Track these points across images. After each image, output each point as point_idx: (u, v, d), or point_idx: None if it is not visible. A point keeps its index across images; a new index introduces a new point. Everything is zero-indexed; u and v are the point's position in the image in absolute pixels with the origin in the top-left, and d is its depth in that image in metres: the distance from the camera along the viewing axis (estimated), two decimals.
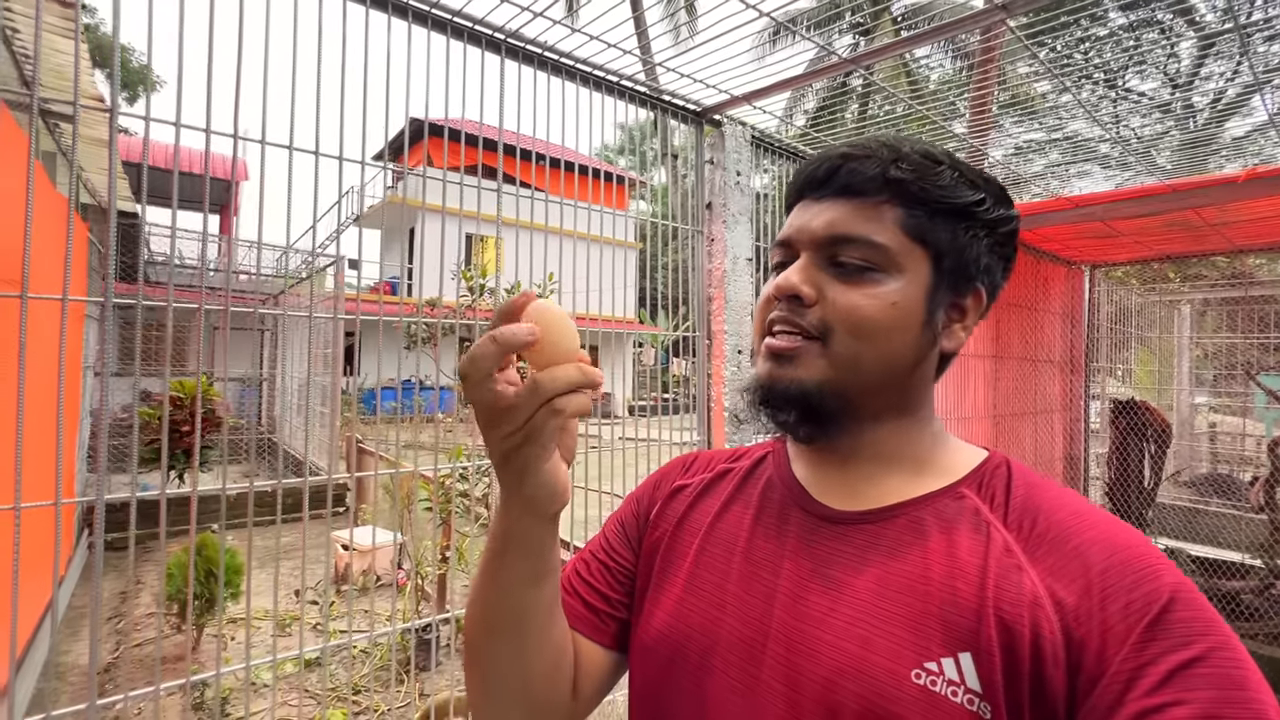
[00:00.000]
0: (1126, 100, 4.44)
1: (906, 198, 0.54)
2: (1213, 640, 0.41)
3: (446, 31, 1.59)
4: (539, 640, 0.57)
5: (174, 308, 1.28)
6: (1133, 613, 0.43)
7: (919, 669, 0.47)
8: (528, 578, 0.54)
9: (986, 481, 0.55)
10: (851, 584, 0.52)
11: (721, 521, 0.63)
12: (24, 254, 1.12)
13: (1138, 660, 0.41)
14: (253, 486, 1.43)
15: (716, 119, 2.16)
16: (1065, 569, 0.46)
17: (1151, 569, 0.45)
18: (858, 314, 0.53)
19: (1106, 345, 4.74)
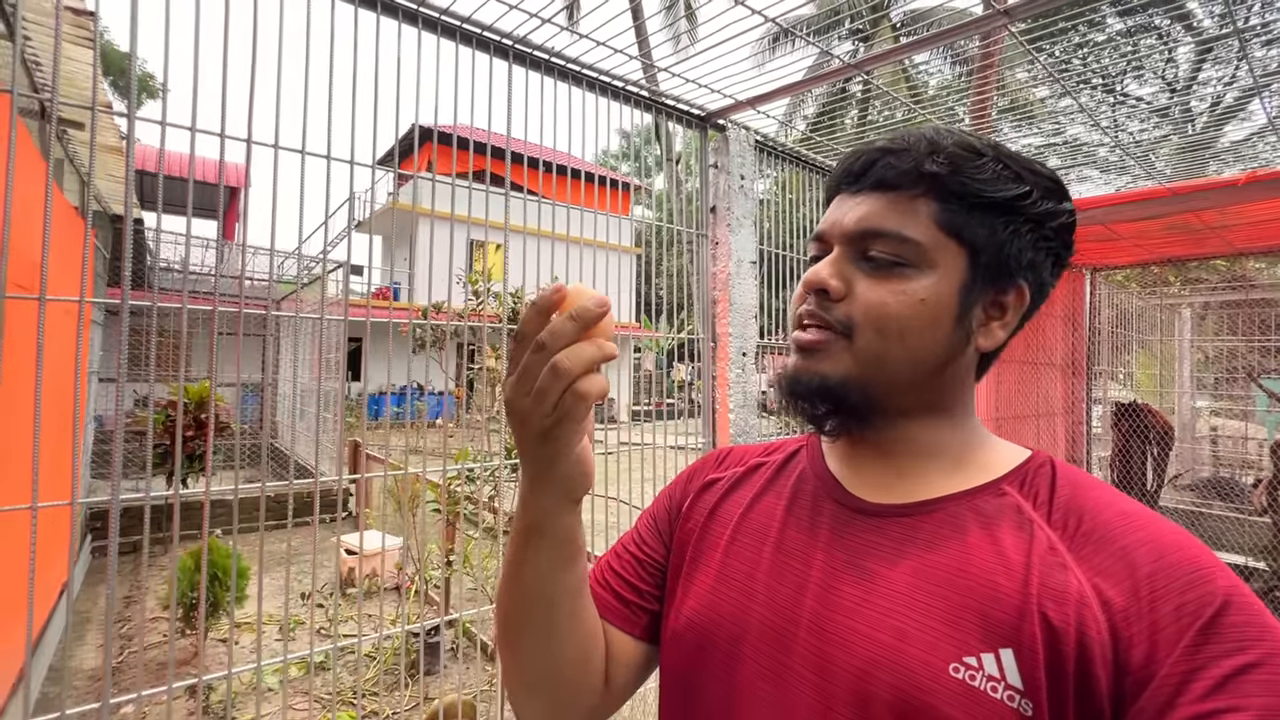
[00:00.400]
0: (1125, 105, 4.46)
1: (942, 191, 0.53)
2: (1269, 646, 0.40)
3: (456, 37, 1.61)
4: (569, 627, 0.58)
5: (185, 310, 1.29)
6: (1185, 615, 0.42)
7: (957, 663, 0.46)
8: (558, 562, 0.55)
9: (1030, 480, 0.54)
10: (886, 575, 0.52)
11: (753, 512, 0.63)
12: (43, 258, 1.14)
13: (1190, 664, 0.40)
14: (238, 491, 1.44)
15: (720, 123, 2.18)
16: (1112, 569, 0.46)
17: (1205, 571, 0.44)
18: (883, 310, 0.53)
19: (1108, 348, 4.76)
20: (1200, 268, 5.47)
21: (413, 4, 1.51)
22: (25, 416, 1.16)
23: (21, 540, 1.13)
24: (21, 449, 1.16)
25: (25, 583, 1.11)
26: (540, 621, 0.57)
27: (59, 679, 3.27)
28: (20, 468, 1.17)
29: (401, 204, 12.93)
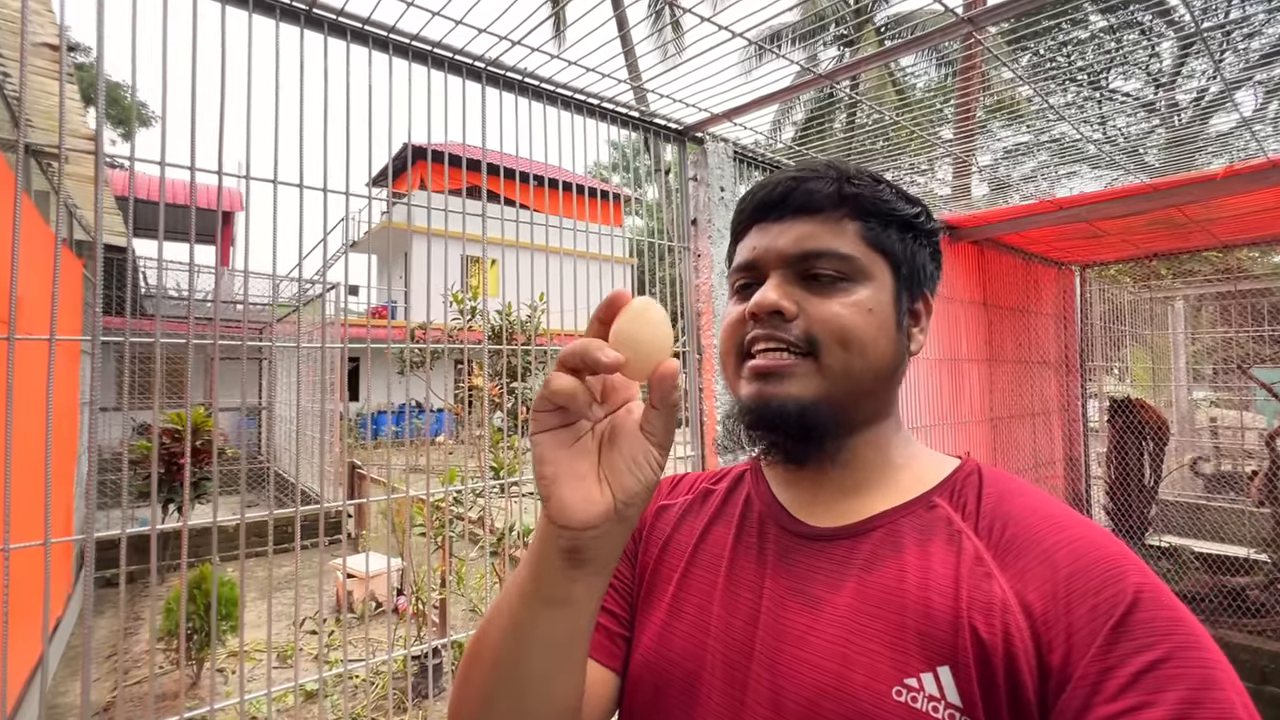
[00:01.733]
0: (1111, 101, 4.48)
1: (862, 211, 0.57)
2: (1178, 639, 0.41)
3: (427, 62, 1.62)
4: (528, 677, 0.50)
5: (189, 342, 1.29)
6: (1099, 615, 0.43)
7: (899, 685, 0.46)
8: (525, 590, 0.48)
9: (959, 490, 0.55)
10: (830, 600, 0.52)
11: (705, 543, 0.63)
12: (10, 292, 1.13)
13: (1103, 663, 0.41)
14: (243, 517, 1.43)
15: (698, 136, 2.19)
16: (1033, 574, 0.46)
17: (1117, 570, 0.44)
18: (840, 322, 0.54)
19: (1101, 344, 4.75)
20: (1192, 260, 5.48)
21: (382, 31, 1.52)
22: (18, 451, 1.16)
23: (19, 575, 1.12)
24: (19, 484, 1.15)
25: (21, 618, 1.10)
26: (507, 657, 0.50)
27: (56, 716, 3.24)
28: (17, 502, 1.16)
29: (395, 223, 12.99)
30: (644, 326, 0.43)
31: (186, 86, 1.26)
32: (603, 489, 0.45)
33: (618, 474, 0.45)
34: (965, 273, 3.67)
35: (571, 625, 0.48)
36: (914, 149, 2.87)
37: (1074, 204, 3.06)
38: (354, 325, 7.61)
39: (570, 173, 1.98)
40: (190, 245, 1.38)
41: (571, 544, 0.45)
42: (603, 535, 0.45)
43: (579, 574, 0.46)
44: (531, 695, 0.50)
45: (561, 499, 0.44)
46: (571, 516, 0.44)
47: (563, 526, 0.44)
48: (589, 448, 0.46)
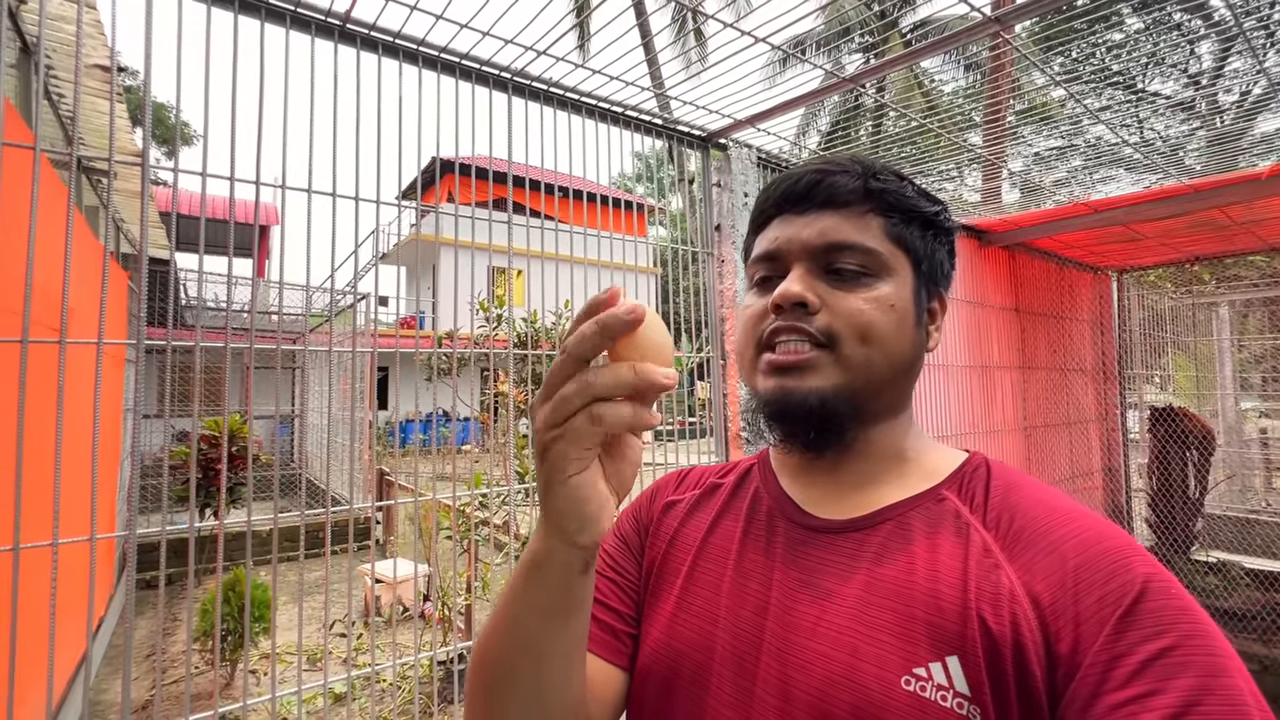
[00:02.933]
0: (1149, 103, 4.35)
1: (885, 207, 0.57)
2: (1185, 628, 0.41)
3: (455, 74, 1.66)
4: (558, 685, 0.50)
5: (225, 348, 1.34)
6: (1107, 604, 0.43)
7: (908, 675, 0.47)
8: (552, 611, 0.48)
9: (967, 483, 0.56)
10: (840, 592, 0.53)
11: (713, 537, 0.63)
12: (63, 298, 1.19)
13: (1112, 652, 0.41)
14: (277, 521, 1.47)
15: (722, 143, 2.20)
16: (1041, 565, 0.47)
17: (1125, 560, 0.45)
18: (863, 318, 0.54)
19: (1141, 352, 4.60)
20: (1237, 264, 5.28)
21: (411, 44, 1.56)
22: (65, 454, 1.21)
23: (63, 573, 1.17)
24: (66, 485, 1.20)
25: (66, 617, 1.15)
26: (526, 673, 0.49)
27: (98, 713, 3.34)
28: (54, 504, 1.21)
29: (424, 235, 13.24)
30: (648, 333, 0.41)
31: (226, 103, 1.31)
32: (611, 496, 0.45)
33: (622, 477, 0.45)
34: (996, 277, 3.59)
35: (584, 626, 0.50)
36: (942, 155, 2.83)
37: (1109, 206, 2.98)
38: (383, 335, 7.76)
39: (595, 184, 2.00)
40: (229, 258, 1.43)
41: (587, 557, 0.46)
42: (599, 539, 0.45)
43: (587, 578, 0.48)
44: (553, 702, 0.50)
45: (599, 524, 0.43)
46: (600, 533, 0.44)
47: (590, 548, 0.45)
48: (598, 460, 0.44)
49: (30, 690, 1.26)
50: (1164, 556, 3.52)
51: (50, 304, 1.30)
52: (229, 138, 1.31)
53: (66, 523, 1.23)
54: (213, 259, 14.05)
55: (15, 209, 1.17)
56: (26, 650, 1.21)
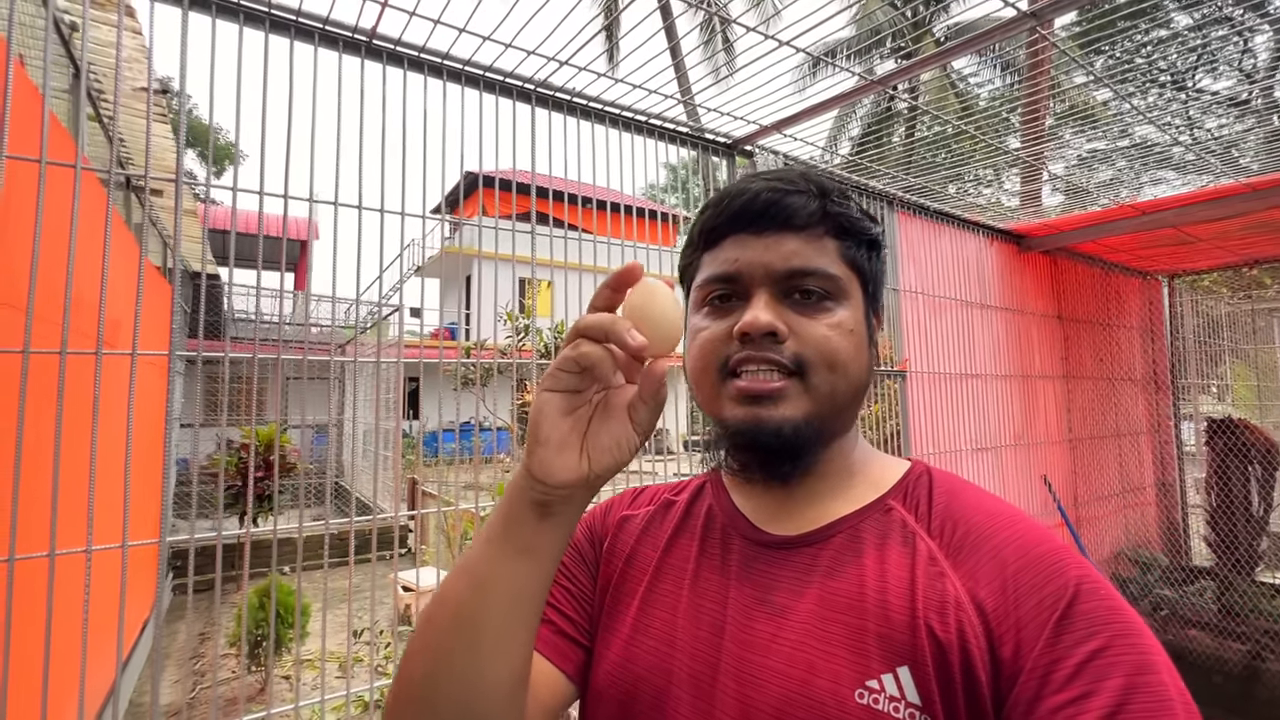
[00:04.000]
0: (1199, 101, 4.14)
1: (840, 230, 0.58)
2: (1115, 628, 0.43)
3: (479, 86, 1.68)
4: (507, 642, 0.49)
5: (255, 357, 1.36)
6: (1044, 608, 0.45)
7: (861, 688, 0.47)
8: (495, 539, 0.50)
9: (911, 491, 0.57)
10: (794, 608, 0.53)
11: (669, 556, 0.63)
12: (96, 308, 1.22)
13: (1051, 655, 0.43)
14: (301, 530, 1.48)
15: (748, 150, 2.17)
16: (983, 571, 0.49)
17: (1059, 564, 0.47)
18: (829, 345, 0.55)
19: (1196, 360, 4.38)
20: None
21: (454, 62, 1.58)
22: (109, 461, 1.24)
23: (111, 578, 1.20)
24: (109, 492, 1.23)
25: (109, 621, 1.17)
26: (468, 608, 0.49)
27: (137, 713, 3.43)
28: (104, 511, 1.24)
29: (455, 249, 13.50)
30: (655, 305, 0.47)
31: (261, 120, 1.34)
32: (582, 459, 0.49)
33: (599, 450, 0.49)
34: (1037, 283, 3.46)
35: (534, 578, 0.50)
36: (979, 159, 2.75)
37: (1158, 208, 2.84)
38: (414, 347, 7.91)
39: (623, 194, 2.00)
40: (259, 272, 1.46)
41: (544, 498, 0.49)
42: (571, 497, 0.49)
43: (544, 526, 0.49)
44: (487, 651, 0.49)
45: (547, 458, 0.48)
46: (551, 475, 0.48)
47: (540, 481, 0.48)
48: (583, 418, 0.50)
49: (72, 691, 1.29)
50: (1225, 578, 3.32)
51: (95, 316, 1.35)
52: (259, 152, 1.34)
53: (108, 529, 1.26)
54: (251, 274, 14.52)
55: (64, 225, 1.22)
56: (72, 649, 1.24)
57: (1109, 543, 3.73)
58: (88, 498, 1.20)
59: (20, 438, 1.12)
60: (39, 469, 1.24)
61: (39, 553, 1.15)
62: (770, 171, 0.61)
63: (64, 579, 1.19)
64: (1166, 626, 3.29)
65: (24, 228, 1.45)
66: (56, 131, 1.80)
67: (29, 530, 1.21)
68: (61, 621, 1.15)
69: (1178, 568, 3.74)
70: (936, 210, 2.87)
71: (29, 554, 1.14)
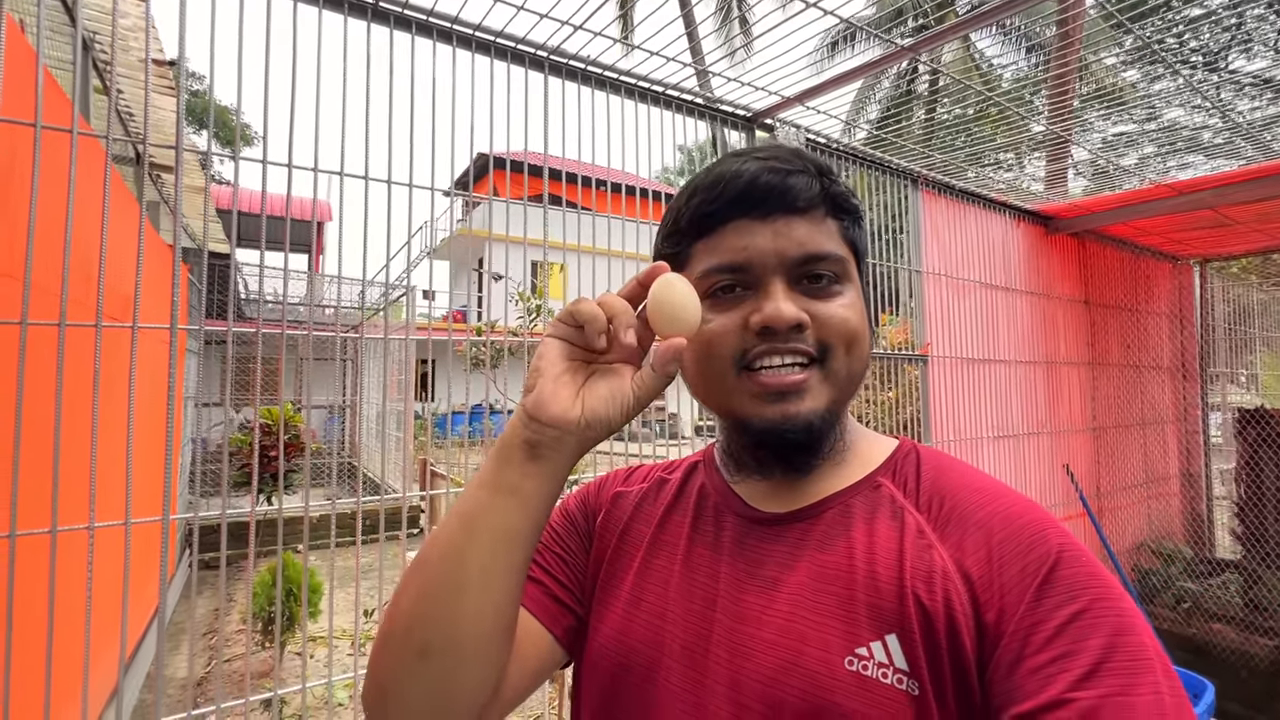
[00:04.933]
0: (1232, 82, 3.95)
1: (837, 209, 0.57)
2: (1094, 592, 0.45)
3: (490, 53, 1.61)
4: (493, 584, 0.50)
5: (258, 333, 1.33)
6: (1027, 574, 0.46)
7: (851, 655, 0.48)
8: (486, 481, 0.51)
9: (899, 468, 0.58)
10: (786, 581, 0.54)
11: (663, 533, 0.64)
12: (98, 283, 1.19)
13: (1032, 618, 0.44)
14: (307, 508, 1.46)
15: (768, 123, 2.09)
16: (969, 542, 0.50)
17: (1041, 533, 0.48)
18: (848, 327, 0.55)
19: (1225, 348, 4.25)
20: None
21: (464, 26, 1.52)
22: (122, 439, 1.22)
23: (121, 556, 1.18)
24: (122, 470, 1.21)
25: (132, 595, 1.15)
26: (465, 560, 0.50)
27: (153, 686, 3.48)
28: (126, 487, 1.22)
29: (472, 230, 13.46)
30: (673, 294, 0.50)
31: (274, 95, 1.29)
32: (575, 402, 0.51)
33: (594, 398, 0.51)
34: (1064, 266, 3.35)
35: (519, 518, 0.50)
36: (1002, 140, 2.64)
37: (1195, 188, 2.73)
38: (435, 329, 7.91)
39: (636, 176, 1.93)
40: (271, 249, 1.42)
41: (534, 436, 0.50)
42: (560, 439, 0.50)
43: (532, 468, 0.50)
44: (471, 590, 0.49)
45: (542, 392, 0.50)
46: (542, 409, 0.50)
47: (531, 416, 0.50)
48: (582, 371, 0.53)
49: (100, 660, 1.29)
50: (1252, 571, 3.23)
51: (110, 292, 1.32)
52: (263, 122, 1.29)
53: (120, 507, 1.24)
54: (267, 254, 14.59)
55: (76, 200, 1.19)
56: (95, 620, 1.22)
57: (1131, 534, 3.65)
58: (87, 476, 1.18)
59: (19, 413, 1.09)
60: (40, 445, 1.22)
61: (42, 528, 1.13)
62: (757, 149, 0.58)
63: (79, 556, 1.17)
64: (1190, 620, 3.22)
65: (26, 197, 1.42)
66: (59, 98, 1.76)
67: (39, 510, 1.19)
68: (71, 598, 1.14)
69: (1201, 560, 3.65)
70: (962, 190, 2.78)
71: (29, 530, 1.12)
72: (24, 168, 1.57)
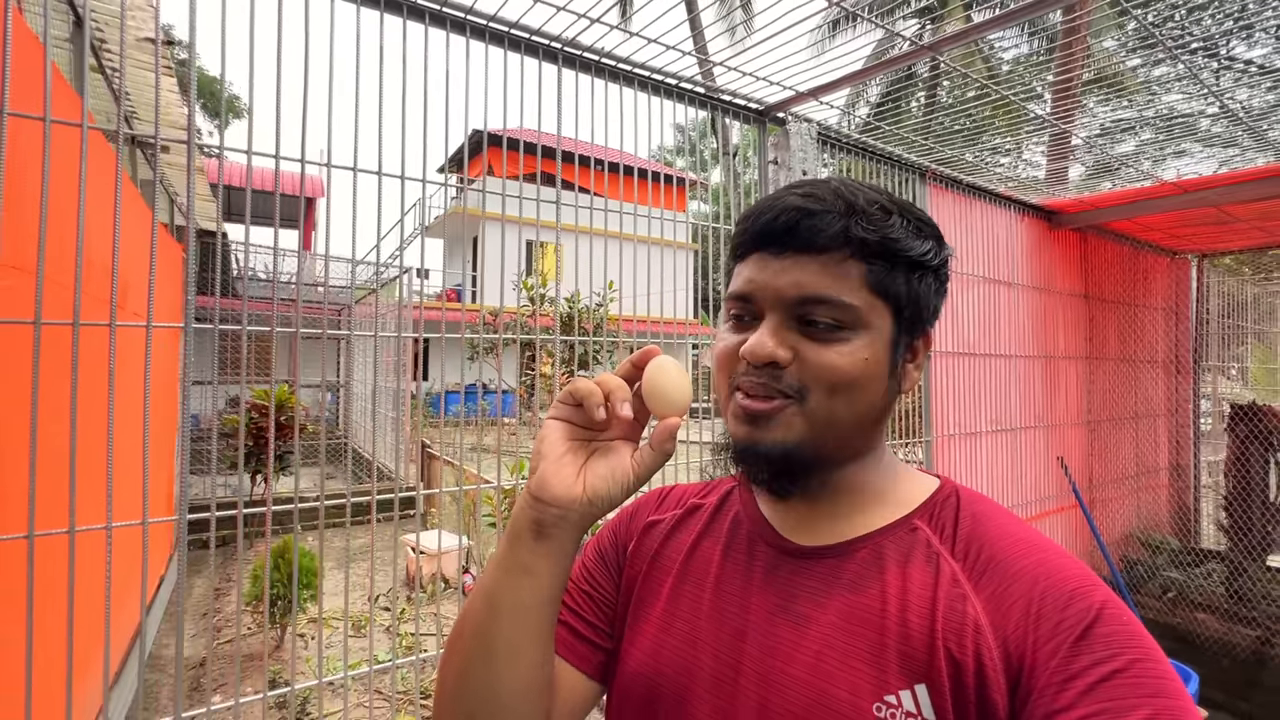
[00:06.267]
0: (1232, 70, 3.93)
1: (867, 252, 0.55)
2: (1135, 652, 0.43)
3: (505, 44, 1.58)
4: (510, 646, 0.55)
5: (244, 313, 1.31)
6: (1063, 630, 0.45)
7: (880, 702, 0.49)
8: (503, 564, 0.55)
9: (937, 513, 0.58)
10: (816, 618, 0.55)
11: (694, 559, 0.65)
12: (79, 272, 1.17)
13: (1066, 673, 0.43)
14: (322, 495, 1.46)
15: (780, 117, 2.07)
16: (1006, 595, 0.49)
17: (1083, 589, 0.48)
18: (835, 373, 0.54)
19: (1218, 342, 4.30)
20: None
21: (459, 12, 1.49)
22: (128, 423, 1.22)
23: (125, 537, 1.18)
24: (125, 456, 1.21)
25: (130, 578, 1.16)
26: (484, 626, 0.55)
27: (158, 666, 3.51)
28: (121, 474, 1.22)
29: (461, 210, 13.31)
30: (666, 378, 0.55)
31: (273, 76, 1.26)
32: (577, 481, 0.53)
33: (596, 476, 0.54)
34: (1065, 261, 3.37)
35: (535, 594, 0.54)
36: (1001, 127, 2.63)
37: (1200, 186, 2.73)
38: (428, 308, 7.87)
39: (634, 156, 1.91)
40: (263, 227, 1.40)
41: (539, 516, 0.53)
42: (564, 517, 0.53)
43: (540, 548, 0.53)
44: (501, 662, 0.54)
45: (544, 473, 0.53)
46: (545, 489, 0.53)
47: (535, 497, 0.53)
48: (583, 450, 0.56)
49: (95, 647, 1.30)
50: (1237, 562, 3.32)
51: (103, 277, 1.30)
52: (250, 105, 1.27)
53: (123, 493, 1.24)
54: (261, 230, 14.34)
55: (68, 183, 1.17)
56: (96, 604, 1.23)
57: (1120, 525, 3.72)
58: (85, 475, 1.17)
59: (35, 410, 1.08)
60: (50, 444, 1.21)
61: (59, 529, 1.13)
62: (803, 183, 0.59)
63: (84, 547, 1.17)
64: (1174, 609, 3.31)
65: (30, 188, 1.39)
66: (60, 86, 1.71)
67: (45, 503, 1.18)
68: (83, 587, 1.14)
69: (1187, 550, 3.74)
70: (969, 184, 2.77)
71: (48, 530, 1.12)
72: (22, 157, 1.54)
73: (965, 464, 2.67)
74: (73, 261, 1.15)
